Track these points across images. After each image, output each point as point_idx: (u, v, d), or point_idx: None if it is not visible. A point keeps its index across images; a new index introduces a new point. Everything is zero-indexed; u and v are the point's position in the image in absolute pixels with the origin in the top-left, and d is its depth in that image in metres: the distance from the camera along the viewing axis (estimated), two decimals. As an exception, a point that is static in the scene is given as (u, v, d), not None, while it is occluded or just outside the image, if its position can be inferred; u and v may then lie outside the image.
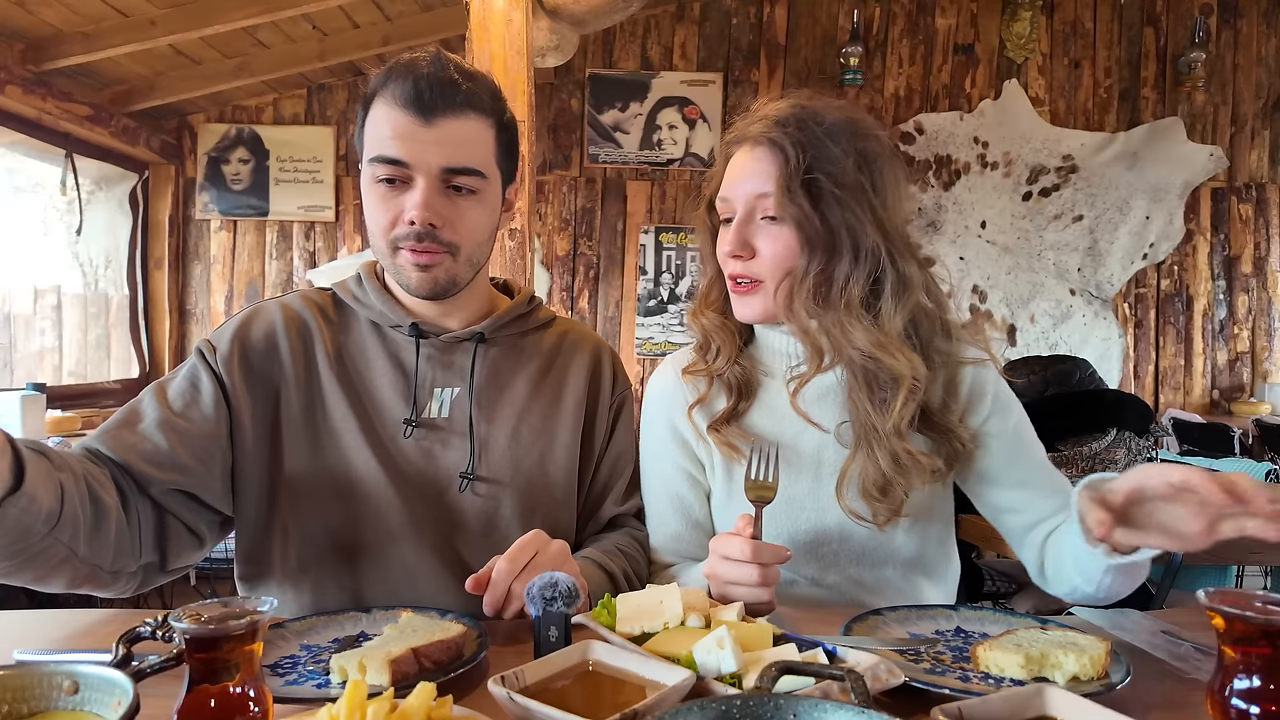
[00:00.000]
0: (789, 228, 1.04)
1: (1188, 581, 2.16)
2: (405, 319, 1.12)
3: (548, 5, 2.83)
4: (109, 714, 0.58)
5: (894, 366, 1.03)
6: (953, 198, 4.78)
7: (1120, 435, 1.68)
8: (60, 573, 0.86)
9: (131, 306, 4.60)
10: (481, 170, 1.06)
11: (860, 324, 1.03)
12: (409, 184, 1.03)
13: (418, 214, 1.01)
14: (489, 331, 1.16)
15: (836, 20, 4.76)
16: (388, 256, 1.07)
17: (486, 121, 1.06)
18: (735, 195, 1.08)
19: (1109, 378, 4.72)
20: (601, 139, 4.79)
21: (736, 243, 1.07)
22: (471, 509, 1.09)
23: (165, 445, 0.99)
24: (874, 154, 1.06)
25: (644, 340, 4.81)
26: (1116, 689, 0.72)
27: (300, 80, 4.62)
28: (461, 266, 1.08)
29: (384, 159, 1.02)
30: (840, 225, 1.03)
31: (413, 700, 0.57)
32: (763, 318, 1.11)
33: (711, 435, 1.13)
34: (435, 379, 1.13)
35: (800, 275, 1.05)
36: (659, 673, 0.70)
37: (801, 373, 1.10)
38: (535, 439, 1.14)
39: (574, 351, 1.23)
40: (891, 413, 1.03)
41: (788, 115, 1.06)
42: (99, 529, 0.87)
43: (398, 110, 1.01)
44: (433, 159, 1.02)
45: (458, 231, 1.06)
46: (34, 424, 3.01)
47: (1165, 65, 4.76)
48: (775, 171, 1.03)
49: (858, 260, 1.04)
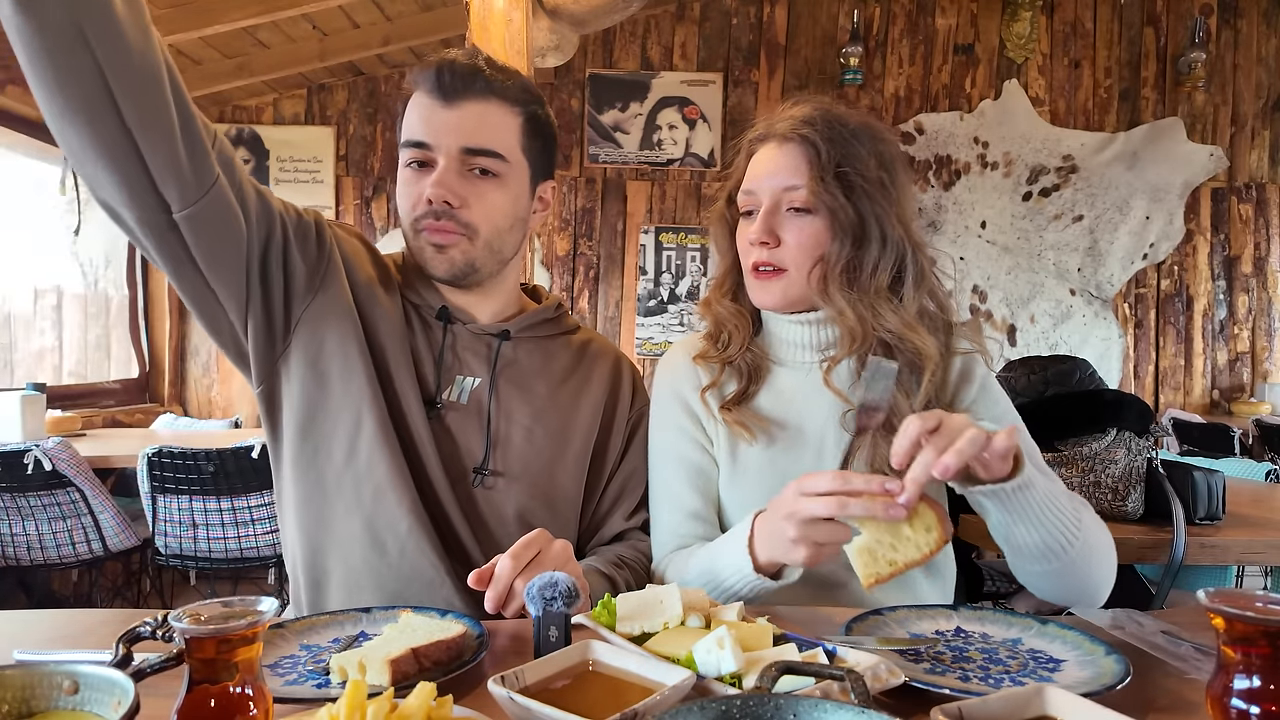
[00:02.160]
0: (819, 217, 1.10)
1: (1188, 581, 2.16)
2: (437, 302, 1.16)
3: (548, 5, 2.83)
4: (109, 714, 0.58)
5: (922, 347, 1.08)
6: (953, 198, 4.78)
7: (1120, 435, 1.68)
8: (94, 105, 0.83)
9: (131, 306, 4.60)
10: (502, 153, 1.09)
11: (889, 306, 1.10)
12: (432, 166, 1.08)
13: (433, 191, 1.06)
14: (515, 330, 1.18)
15: (836, 20, 4.76)
16: (412, 239, 1.12)
17: (511, 109, 1.11)
18: (761, 188, 1.13)
19: (1109, 378, 4.72)
20: (601, 139, 4.79)
21: (763, 230, 1.11)
22: (479, 499, 1.11)
23: (256, 197, 1.03)
24: (890, 156, 1.13)
25: (644, 340, 4.81)
26: (1116, 689, 0.72)
27: (300, 80, 4.62)
28: (480, 251, 1.11)
29: (409, 142, 1.09)
30: (870, 215, 1.09)
31: (413, 700, 0.58)
32: (781, 304, 1.15)
33: (723, 415, 1.16)
34: (458, 365, 1.15)
35: (834, 261, 1.10)
36: (659, 673, 0.70)
37: (833, 354, 1.15)
38: (549, 442, 1.16)
39: (596, 361, 1.25)
40: (917, 392, 1.08)
41: (814, 116, 1.12)
42: (161, 118, 0.87)
43: (424, 96, 1.08)
44: (452, 139, 1.07)
45: (475, 213, 1.09)
46: (34, 424, 3.01)
47: (1165, 65, 4.76)
48: (806, 165, 1.10)
49: (885, 248, 1.10)
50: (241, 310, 1.05)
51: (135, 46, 0.83)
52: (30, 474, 2.64)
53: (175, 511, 2.79)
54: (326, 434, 1.09)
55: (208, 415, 4.78)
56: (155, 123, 0.87)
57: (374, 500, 1.06)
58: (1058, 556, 0.96)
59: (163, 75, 0.87)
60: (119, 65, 0.82)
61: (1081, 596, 1.01)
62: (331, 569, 1.09)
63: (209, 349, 4.83)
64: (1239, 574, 2.36)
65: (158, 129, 0.87)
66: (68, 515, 2.79)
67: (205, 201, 0.94)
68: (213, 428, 3.98)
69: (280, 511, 1.16)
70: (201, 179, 0.93)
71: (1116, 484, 1.67)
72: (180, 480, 2.74)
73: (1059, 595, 1.02)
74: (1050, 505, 0.94)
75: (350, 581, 1.08)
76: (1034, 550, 0.96)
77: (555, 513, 1.15)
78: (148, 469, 2.73)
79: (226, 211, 0.98)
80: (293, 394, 1.09)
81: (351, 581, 1.08)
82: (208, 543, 2.83)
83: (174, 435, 3.66)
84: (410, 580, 1.06)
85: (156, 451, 2.71)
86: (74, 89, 0.82)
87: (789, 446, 1.14)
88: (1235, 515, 1.77)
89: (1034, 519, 0.94)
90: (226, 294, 1.03)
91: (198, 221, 0.95)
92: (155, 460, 2.71)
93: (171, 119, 0.88)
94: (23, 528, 2.79)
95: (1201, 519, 1.67)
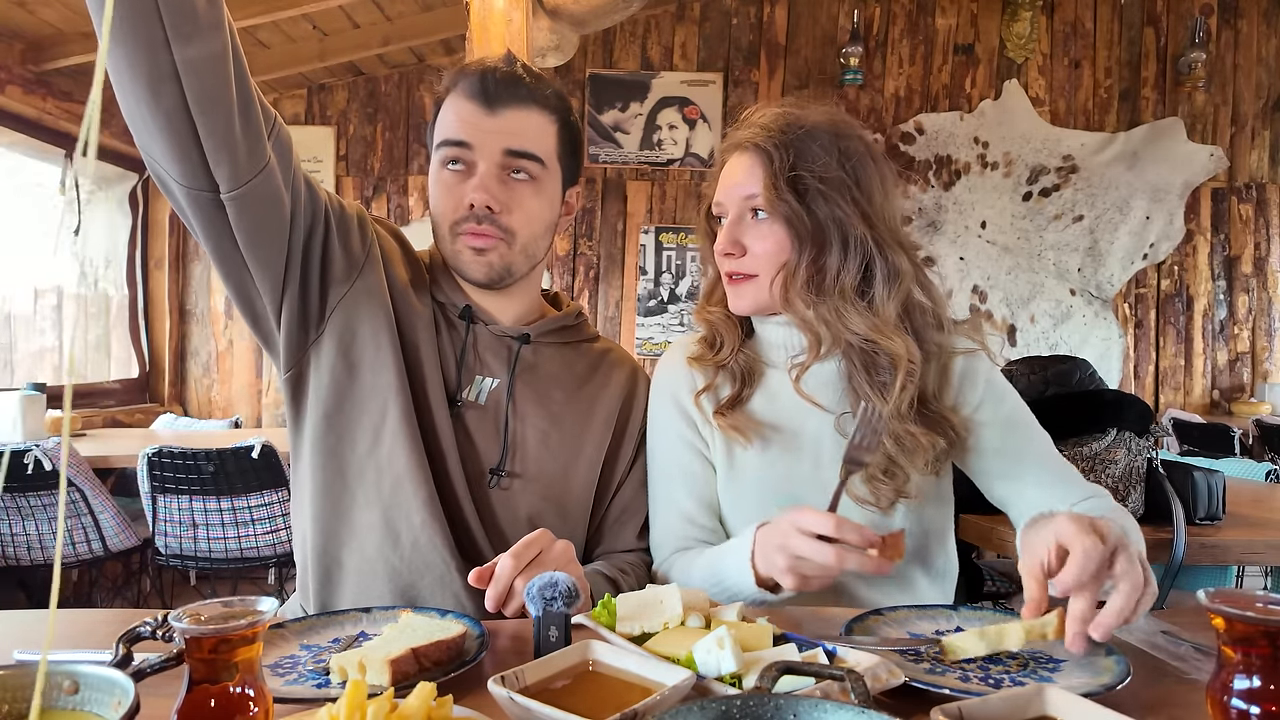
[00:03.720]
0: (779, 224, 1.10)
1: (1188, 581, 2.16)
2: (462, 301, 1.17)
3: (548, 5, 2.83)
4: (109, 714, 0.58)
5: (891, 348, 1.07)
6: (953, 198, 4.78)
7: (1120, 435, 1.68)
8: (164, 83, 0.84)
9: (131, 306, 4.60)
10: (542, 158, 1.11)
11: (855, 310, 1.08)
12: (472, 170, 1.09)
13: (478, 196, 1.08)
14: (536, 334, 1.19)
15: (836, 20, 4.76)
16: (448, 242, 1.13)
17: (549, 117, 1.13)
18: (727, 198, 1.15)
19: (1109, 378, 4.72)
20: (601, 139, 4.79)
21: (727, 241, 1.13)
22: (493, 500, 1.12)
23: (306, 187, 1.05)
24: (856, 152, 1.11)
25: (644, 340, 4.81)
26: (1116, 689, 0.72)
27: (300, 80, 4.62)
28: (517, 255, 1.13)
29: (449, 141, 1.09)
30: (828, 218, 1.08)
31: (413, 700, 0.57)
32: (754, 308, 1.16)
33: (717, 419, 1.16)
34: (479, 365, 1.15)
35: (793, 268, 1.10)
36: (659, 673, 0.70)
37: (802, 360, 1.14)
38: (563, 447, 1.16)
39: (613, 370, 1.25)
40: (891, 395, 1.07)
41: (770, 122, 1.12)
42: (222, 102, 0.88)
43: (465, 101, 1.09)
44: (495, 143, 1.08)
45: (515, 217, 1.11)
46: (34, 424, 3.01)
47: (1165, 65, 4.76)
48: (761, 173, 1.10)
49: (847, 251, 1.09)
50: (277, 294, 1.06)
51: (204, 20, 0.83)
52: (30, 474, 2.64)
53: (175, 511, 2.80)
54: (351, 423, 1.09)
55: (208, 415, 4.78)
56: (216, 102, 0.87)
57: (392, 491, 1.07)
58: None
59: (228, 55, 0.87)
60: (186, 38, 0.82)
61: None
62: (345, 559, 1.09)
63: (209, 349, 4.83)
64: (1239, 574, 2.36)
65: (218, 109, 0.87)
66: (68, 515, 2.79)
67: (254, 184, 0.95)
68: (213, 428, 3.98)
69: (296, 499, 1.16)
70: (254, 162, 0.94)
71: (1116, 484, 1.67)
72: (180, 480, 2.74)
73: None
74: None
75: (363, 571, 1.08)
76: None
77: (566, 517, 1.16)
78: (148, 469, 2.73)
79: (274, 196, 0.99)
80: (321, 381, 1.10)
81: (365, 571, 1.08)
82: (208, 543, 2.83)
83: (174, 435, 3.66)
84: (422, 573, 1.07)
85: (156, 451, 2.71)
86: (142, 59, 0.82)
87: (785, 449, 1.14)
88: (1235, 515, 1.77)
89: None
90: (263, 276, 1.04)
91: (245, 203, 0.95)
92: (155, 460, 2.72)
93: (231, 100, 0.89)
94: (23, 528, 2.79)
95: (1202, 519, 1.67)
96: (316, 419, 1.10)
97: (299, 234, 1.05)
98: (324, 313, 1.09)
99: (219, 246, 1.00)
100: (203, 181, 0.92)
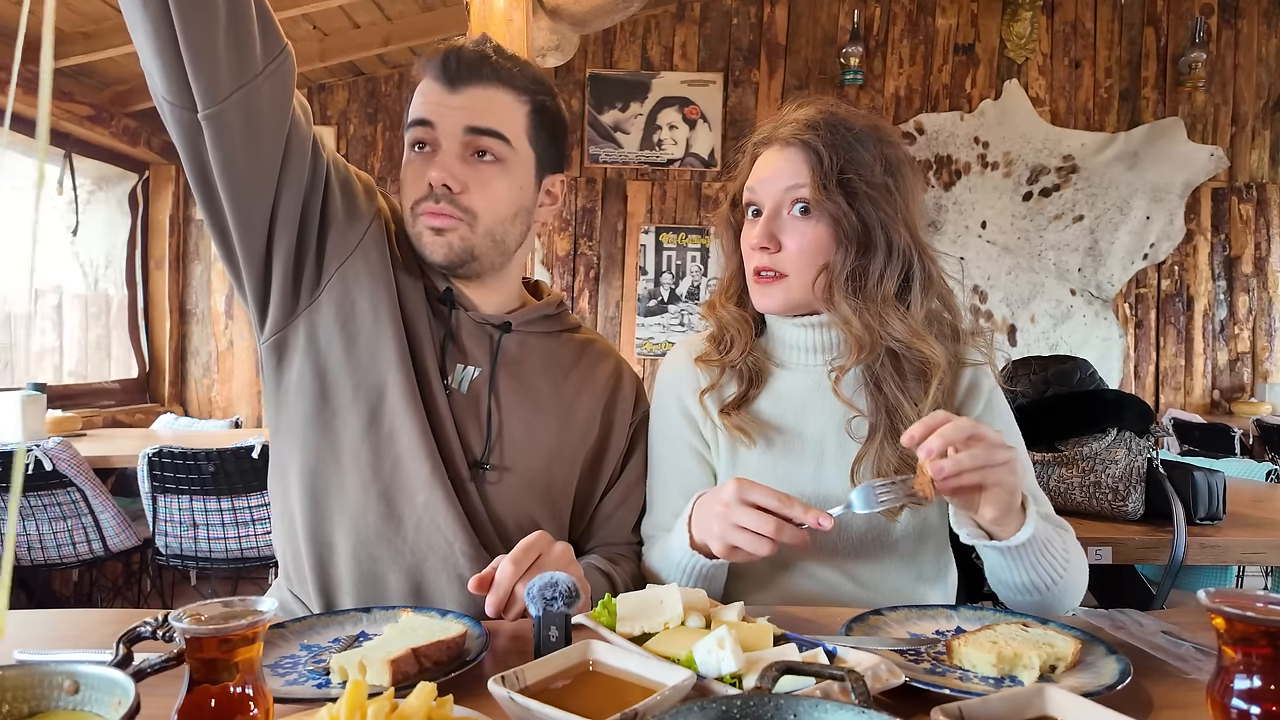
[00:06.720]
0: (822, 223, 1.09)
1: (1188, 581, 2.16)
2: (443, 285, 1.14)
3: (548, 5, 2.83)
4: (109, 714, 0.58)
5: (930, 354, 1.08)
6: (953, 198, 4.78)
7: (1120, 435, 1.68)
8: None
9: (131, 306, 4.60)
10: (507, 136, 1.08)
11: (896, 314, 1.09)
12: (436, 150, 1.07)
13: (435, 174, 1.05)
14: (517, 323, 1.17)
15: (837, 20, 4.76)
16: (411, 224, 1.10)
17: (517, 97, 1.10)
18: (764, 190, 1.12)
19: (1109, 378, 4.72)
20: (602, 139, 4.79)
21: (764, 236, 1.11)
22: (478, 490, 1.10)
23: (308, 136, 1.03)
24: (897, 160, 1.12)
25: (644, 340, 4.81)
26: (1116, 689, 0.72)
27: (300, 80, 4.59)
28: (480, 238, 1.09)
29: (413, 121, 1.08)
30: (875, 222, 1.08)
31: (413, 700, 0.57)
32: (782, 308, 1.14)
33: (722, 419, 1.15)
34: (460, 353, 1.13)
35: (838, 269, 1.09)
36: (659, 673, 0.70)
37: (841, 363, 1.14)
38: (548, 438, 1.15)
39: (598, 362, 1.23)
40: (924, 399, 1.08)
41: (818, 119, 1.11)
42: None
43: (430, 81, 1.08)
44: (456, 119, 1.06)
45: (475, 198, 1.07)
46: (34, 424, 3.01)
47: (1165, 65, 4.76)
48: (809, 171, 1.08)
49: (891, 256, 1.09)
50: (258, 247, 1.02)
51: None
52: (30, 474, 2.64)
53: (175, 511, 2.80)
54: (347, 399, 1.06)
55: (208, 415, 4.78)
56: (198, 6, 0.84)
57: (393, 470, 1.05)
58: (1043, 592, 1.00)
59: None
60: None
61: (1051, 611, 1.02)
62: (338, 541, 1.07)
63: (209, 349, 4.83)
64: (1239, 574, 2.36)
65: (198, 14, 0.84)
66: (68, 515, 2.79)
67: (233, 102, 0.89)
68: (213, 428, 3.98)
69: (277, 477, 1.12)
70: (235, 79, 0.89)
71: (1117, 484, 1.67)
72: (180, 480, 2.74)
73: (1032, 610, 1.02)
74: (1045, 550, 0.98)
75: (361, 553, 1.06)
76: (1021, 585, 1.00)
77: (551, 508, 1.15)
78: (148, 469, 2.73)
79: (258, 126, 0.93)
80: (315, 352, 1.06)
81: (363, 553, 1.06)
82: (208, 543, 2.83)
83: (174, 435, 3.66)
84: (426, 554, 1.05)
85: (157, 451, 2.71)
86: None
87: (788, 450, 1.14)
88: (1236, 515, 1.77)
89: (1029, 564, 0.98)
90: (241, 222, 0.98)
91: (221, 123, 0.89)
92: (155, 460, 2.72)
93: (217, 6, 0.85)
94: (23, 528, 2.79)
95: (1202, 519, 1.67)
96: (308, 394, 1.06)
97: (293, 190, 1.01)
98: (319, 279, 1.06)
99: (207, 197, 0.96)
100: (187, 98, 0.88)
